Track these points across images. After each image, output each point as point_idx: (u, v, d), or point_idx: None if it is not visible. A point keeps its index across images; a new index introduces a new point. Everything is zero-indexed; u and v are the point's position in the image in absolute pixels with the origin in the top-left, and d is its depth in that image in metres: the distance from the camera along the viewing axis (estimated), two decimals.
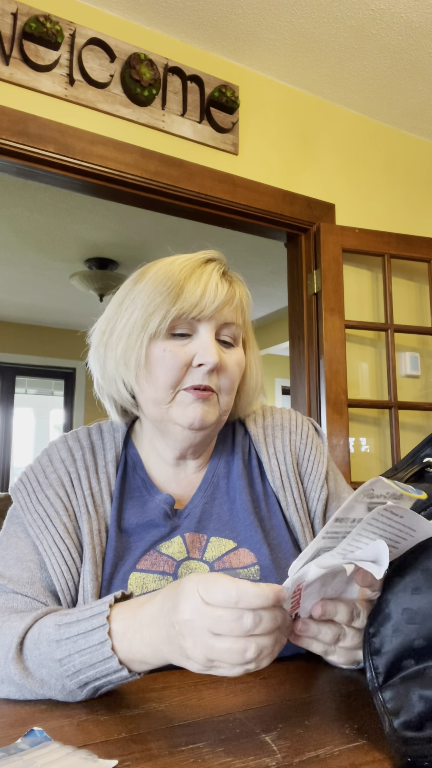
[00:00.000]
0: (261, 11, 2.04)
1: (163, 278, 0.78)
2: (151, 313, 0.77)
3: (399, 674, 0.54)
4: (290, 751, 0.51)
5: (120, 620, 0.60)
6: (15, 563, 0.77)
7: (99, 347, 0.84)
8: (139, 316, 0.78)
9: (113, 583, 0.76)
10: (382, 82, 2.39)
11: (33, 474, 0.83)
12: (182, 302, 0.77)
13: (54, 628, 0.63)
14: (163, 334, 0.78)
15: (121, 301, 0.83)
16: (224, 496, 0.86)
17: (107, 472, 0.84)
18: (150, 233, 3.74)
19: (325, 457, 0.91)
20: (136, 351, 0.78)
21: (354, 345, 2.41)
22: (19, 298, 5.16)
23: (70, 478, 0.82)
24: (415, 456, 0.73)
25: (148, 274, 0.82)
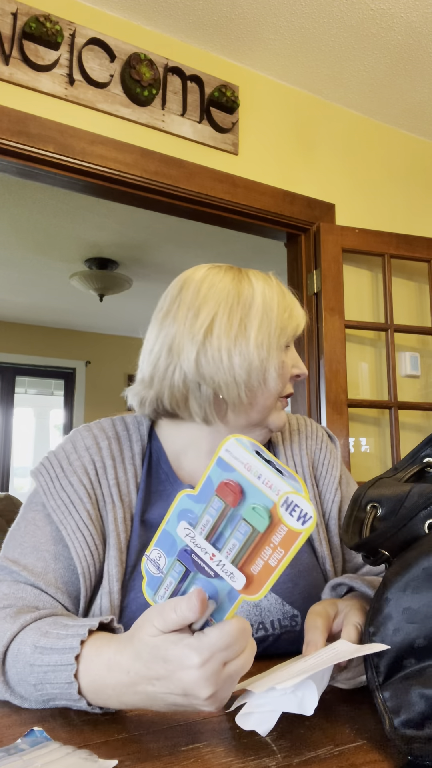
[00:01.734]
0: (261, 11, 2.04)
1: (278, 292, 0.86)
2: (283, 327, 0.84)
3: (399, 673, 0.54)
4: (290, 751, 0.51)
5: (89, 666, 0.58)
6: (31, 552, 0.77)
7: (218, 351, 0.80)
8: (273, 329, 0.83)
9: (137, 570, 0.78)
10: (382, 82, 2.39)
11: (56, 460, 0.83)
12: (297, 320, 0.86)
13: (31, 649, 0.62)
14: (283, 346, 0.85)
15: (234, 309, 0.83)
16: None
17: (134, 464, 0.85)
18: (150, 233, 3.74)
19: (339, 461, 0.96)
20: (275, 358, 0.83)
21: (354, 345, 2.41)
22: (19, 298, 5.15)
23: (95, 467, 0.82)
24: (415, 456, 0.73)
25: (249, 278, 0.86)
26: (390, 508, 0.65)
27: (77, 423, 6.11)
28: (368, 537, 0.63)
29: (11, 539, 0.80)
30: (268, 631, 0.77)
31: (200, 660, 0.50)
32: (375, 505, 0.67)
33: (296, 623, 0.79)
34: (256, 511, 0.50)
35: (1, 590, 0.74)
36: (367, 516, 0.66)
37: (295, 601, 0.79)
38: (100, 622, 0.62)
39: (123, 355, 6.32)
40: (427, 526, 0.59)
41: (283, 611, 0.79)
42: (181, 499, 0.54)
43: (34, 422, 6.32)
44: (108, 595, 0.75)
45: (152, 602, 0.56)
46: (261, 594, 0.50)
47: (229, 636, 0.50)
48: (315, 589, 0.82)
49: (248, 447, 0.52)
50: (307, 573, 0.83)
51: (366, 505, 0.68)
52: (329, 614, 0.67)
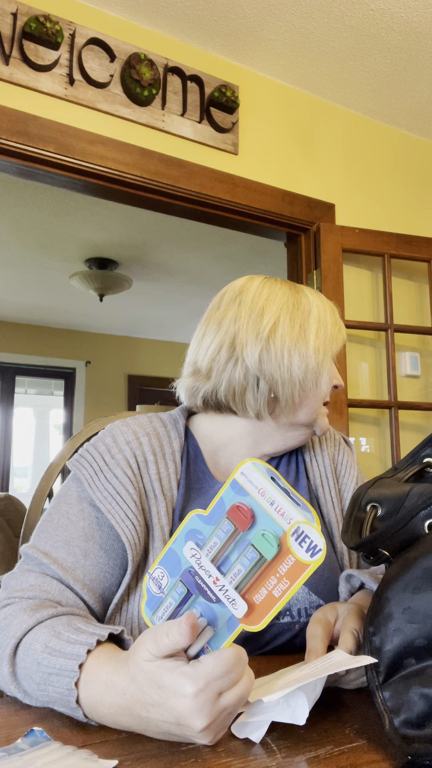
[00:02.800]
0: (261, 11, 2.04)
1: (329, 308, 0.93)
2: (334, 338, 0.90)
3: (399, 673, 0.54)
4: (290, 751, 0.51)
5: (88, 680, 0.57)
6: (62, 546, 0.78)
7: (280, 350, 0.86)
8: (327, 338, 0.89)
9: None
10: (382, 82, 2.39)
11: (98, 453, 0.84)
12: (343, 335, 0.93)
13: (41, 647, 0.62)
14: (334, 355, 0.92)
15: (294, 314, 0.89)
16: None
17: (175, 460, 0.87)
18: (150, 233, 3.74)
19: (356, 463, 1.03)
20: (328, 364, 0.89)
21: (354, 345, 2.41)
22: (19, 298, 5.15)
23: (136, 461, 0.84)
24: (415, 456, 0.73)
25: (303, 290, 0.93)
26: (390, 508, 0.65)
27: (77, 423, 6.11)
28: (368, 537, 0.63)
29: (43, 530, 0.80)
30: (294, 618, 0.80)
31: (195, 689, 0.48)
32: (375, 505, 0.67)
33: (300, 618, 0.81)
34: (265, 538, 0.49)
35: (28, 581, 0.75)
36: (367, 516, 0.66)
37: (321, 590, 0.82)
38: (110, 633, 0.62)
39: (123, 355, 6.32)
40: (427, 526, 0.59)
41: (310, 600, 0.82)
42: (191, 518, 0.54)
43: (34, 422, 6.32)
44: None
45: (149, 623, 0.55)
46: (261, 625, 0.49)
47: (225, 664, 0.49)
48: (336, 579, 0.85)
49: (264, 472, 0.51)
50: (331, 565, 0.87)
51: (366, 505, 0.68)
52: (329, 621, 0.68)
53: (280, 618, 0.80)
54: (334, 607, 0.70)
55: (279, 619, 0.80)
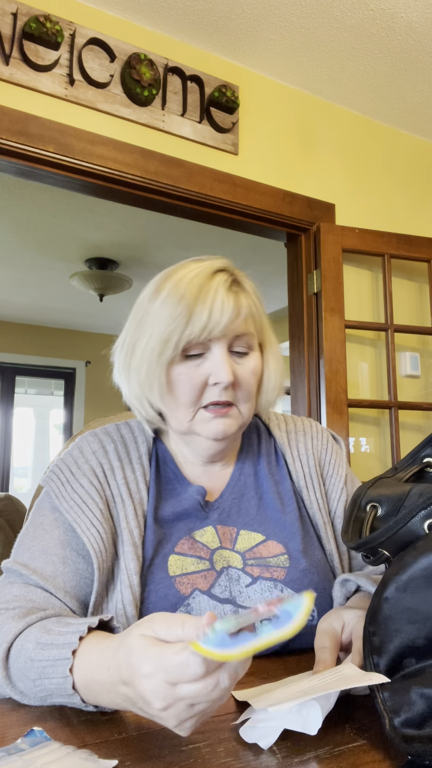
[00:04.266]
0: (261, 11, 2.04)
1: (174, 302, 0.80)
2: (166, 340, 0.80)
3: (399, 673, 0.54)
4: (290, 751, 0.51)
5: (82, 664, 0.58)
6: (40, 555, 0.79)
7: (123, 368, 0.87)
8: (156, 343, 0.81)
9: (155, 563, 0.80)
10: (382, 82, 2.39)
11: (65, 465, 0.86)
12: (191, 327, 0.79)
13: (33, 645, 0.64)
14: (178, 357, 0.82)
15: (139, 322, 0.86)
16: (252, 492, 0.91)
17: (142, 464, 0.88)
18: (150, 233, 3.74)
19: (344, 461, 0.98)
20: (157, 376, 0.82)
21: (354, 345, 2.41)
22: (19, 298, 5.15)
23: (102, 469, 0.85)
24: (415, 456, 0.73)
25: (161, 292, 0.83)
26: (390, 508, 0.65)
27: (77, 423, 6.11)
28: (368, 537, 0.63)
29: (21, 543, 0.82)
30: None
31: (148, 670, 0.49)
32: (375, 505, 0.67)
33: (313, 618, 0.80)
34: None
35: (11, 592, 0.76)
36: (367, 516, 0.66)
37: None
38: (100, 620, 0.63)
39: None
40: (427, 526, 0.59)
41: None
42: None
43: (34, 422, 6.32)
44: (129, 588, 0.77)
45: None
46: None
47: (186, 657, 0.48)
48: (327, 584, 0.84)
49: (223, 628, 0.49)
50: (319, 568, 0.85)
51: (366, 505, 0.68)
52: (336, 630, 0.68)
53: None
54: (340, 615, 0.70)
55: None
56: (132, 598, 0.76)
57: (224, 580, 0.81)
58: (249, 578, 0.81)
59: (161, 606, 0.77)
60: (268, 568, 0.82)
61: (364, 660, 0.58)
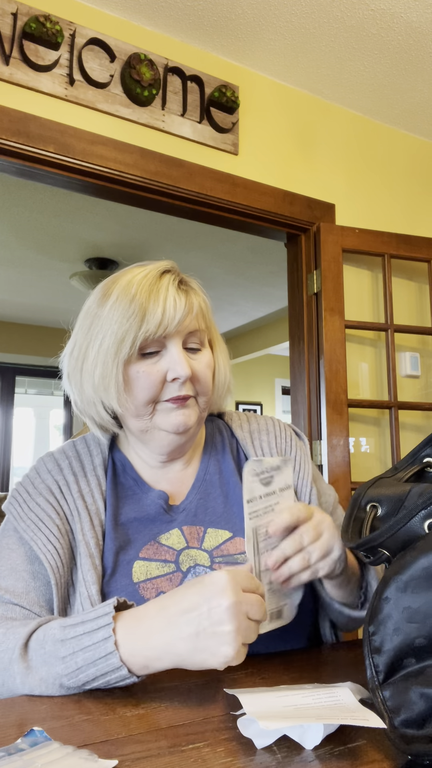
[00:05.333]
0: (261, 11, 2.04)
1: (125, 303, 0.82)
2: (121, 339, 0.81)
3: (399, 673, 0.54)
4: (290, 751, 0.51)
5: (124, 622, 0.64)
6: (9, 574, 0.80)
7: (74, 373, 0.88)
8: (111, 343, 0.82)
9: (117, 571, 0.80)
10: (382, 82, 2.39)
11: (23, 487, 0.88)
12: (147, 325, 0.81)
13: (59, 630, 0.66)
14: (135, 356, 0.83)
15: (89, 327, 0.86)
16: (218, 491, 0.91)
17: (96, 474, 0.89)
18: (150, 233, 3.74)
19: (308, 457, 0.98)
20: (114, 376, 0.82)
21: (354, 345, 2.41)
22: (19, 298, 5.16)
23: (58, 486, 0.86)
24: (415, 456, 0.73)
25: (110, 296, 0.84)
26: (390, 507, 0.65)
27: (77, 423, 6.11)
28: (368, 537, 0.63)
29: None
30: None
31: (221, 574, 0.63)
32: (375, 505, 0.67)
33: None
34: None
35: None
36: (367, 516, 0.67)
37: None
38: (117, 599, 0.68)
39: None
40: (427, 526, 0.59)
41: None
42: None
43: (34, 422, 6.33)
44: (88, 599, 0.77)
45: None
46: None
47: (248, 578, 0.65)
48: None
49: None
50: None
51: (366, 505, 0.68)
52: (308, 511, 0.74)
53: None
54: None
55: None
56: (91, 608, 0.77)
57: (191, 579, 0.80)
58: None
59: None
60: (235, 564, 0.82)
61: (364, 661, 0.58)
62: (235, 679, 0.70)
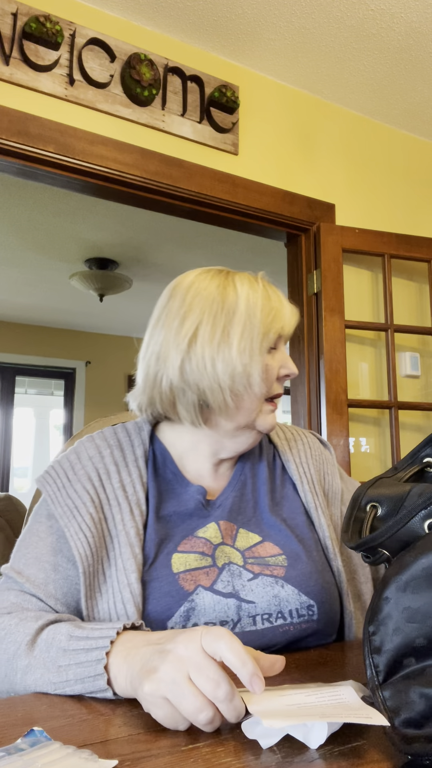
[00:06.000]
0: (261, 11, 2.04)
1: (261, 296, 0.87)
2: (266, 331, 0.86)
3: (399, 673, 0.54)
4: (290, 751, 0.51)
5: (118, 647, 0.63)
6: (33, 563, 0.82)
7: (202, 360, 0.84)
8: (256, 334, 0.85)
9: (157, 560, 0.82)
10: (382, 82, 2.39)
11: (62, 470, 0.88)
12: (282, 321, 0.88)
13: (66, 639, 0.67)
14: (267, 350, 0.87)
15: (216, 315, 0.85)
16: (249, 494, 0.93)
17: (138, 466, 0.89)
18: (150, 233, 3.74)
19: (336, 467, 1.02)
20: (259, 363, 0.85)
21: (354, 345, 2.41)
22: (19, 298, 5.15)
23: (98, 474, 0.87)
24: (415, 456, 0.73)
25: (235, 289, 0.87)
26: (390, 507, 0.65)
27: (77, 423, 6.10)
28: (368, 537, 0.63)
29: (18, 550, 0.85)
30: (287, 620, 0.81)
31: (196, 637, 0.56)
32: (375, 505, 0.67)
33: (313, 612, 0.82)
34: None
35: (9, 599, 0.79)
36: (367, 516, 0.66)
37: (311, 591, 0.83)
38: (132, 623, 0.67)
39: (123, 355, 6.32)
40: (427, 526, 0.59)
41: (300, 601, 0.82)
42: None
43: (34, 422, 6.32)
44: (128, 587, 0.78)
45: None
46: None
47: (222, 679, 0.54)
48: (327, 583, 0.86)
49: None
50: (322, 568, 0.87)
51: (366, 505, 0.68)
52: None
53: (275, 620, 0.80)
54: None
55: (274, 621, 0.80)
56: (131, 597, 0.77)
57: (226, 575, 0.82)
58: (250, 574, 0.83)
59: (165, 603, 0.78)
60: (267, 567, 0.83)
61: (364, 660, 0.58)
62: (235, 678, 0.69)
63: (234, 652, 0.54)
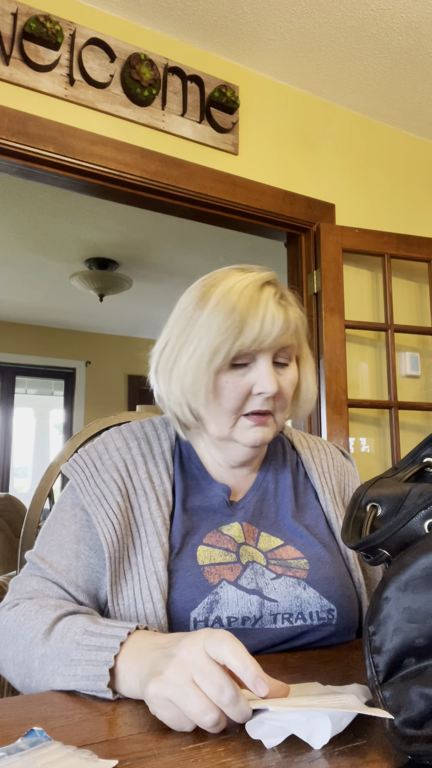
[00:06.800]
0: (261, 11, 2.04)
1: (224, 312, 0.82)
2: (216, 350, 0.82)
3: (399, 673, 0.54)
4: (290, 751, 0.51)
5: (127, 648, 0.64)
6: (56, 550, 0.83)
7: (164, 372, 0.88)
8: (205, 352, 0.82)
9: (183, 551, 0.83)
10: (382, 82, 2.39)
11: (90, 459, 0.89)
12: (243, 338, 0.81)
13: (81, 630, 0.68)
14: (226, 366, 0.83)
15: (184, 328, 0.87)
16: (272, 500, 0.94)
17: (165, 459, 0.91)
18: (150, 233, 3.74)
19: (357, 479, 1.03)
20: (204, 384, 0.83)
21: (354, 345, 2.41)
22: (19, 298, 5.15)
23: (125, 464, 0.88)
24: (415, 456, 0.73)
25: (209, 301, 0.85)
26: (390, 507, 0.65)
27: (77, 423, 6.10)
28: (368, 537, 0.63)
29: (42, 536, 0.87)
30: (307, 621, 0.82)
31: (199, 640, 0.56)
32: (375, 505, 0.67)
33: (332, 617, 0.83)
34: None
35: (31, 584, 0.81)
36: (367, 516, 0.66)
37: (332, 596, 0.84)
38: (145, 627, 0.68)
39: (123, 355, 6.32)
40: (427, 526, 0.59)
41: (321, 604, 0.83)
42: None
43: (34, 422, 6.32)
44: (154, 575, 0.79)
45: None
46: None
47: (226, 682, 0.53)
48: (348, 590, 0.87)
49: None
50: (342, 575, 0.88)
51: (366, 505, 0.68)
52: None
53: (295, 621, 0.81)
54: None
55: (294, 622, 0.81)
56: (158, 584, 0.79)
57: (250, 573, 0.83)
58: (273, 574, 0.84)
59: (189, 593, 0.79)
60: (290, 569, 0.84)
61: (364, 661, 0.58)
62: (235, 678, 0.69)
63: (236, 655, 0.54)
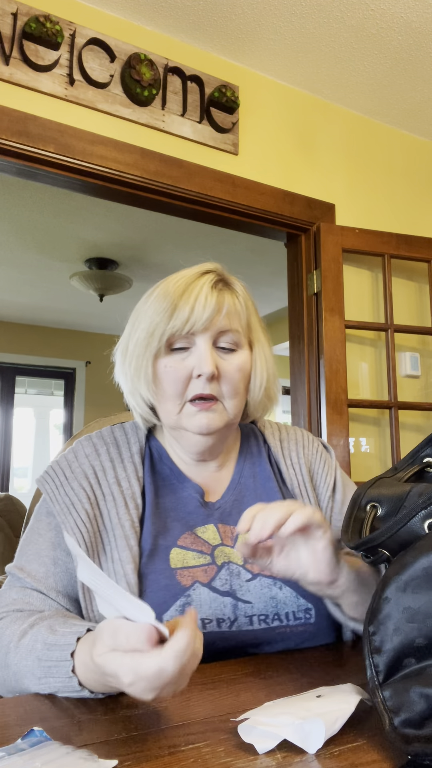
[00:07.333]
0: (261, 11, 2.04)
1: (161, 298, 0.86)
2: (151, 333, 0.85)
3: (399, 673, 0.54)
4: (290, 751, 0.51)
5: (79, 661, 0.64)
6: (34, 558, 0.84)
7: (123, 365, 0.91)
8: (142, 337, 0.86)
9: (156, 554, 0.82)
10: (382, 82, 2.39)
11: (60, 468, 0.89)
12: (174, 321, 0.84)
13: (42, 645, 0.68)
14: (164, 351, 0.86)
15: (133, 322, 0.90)
16: (252, 494, 0.93)
17: (133, 462, 0.91)
18: (150, 233, 3.74)
19: (333, 469, 1.00)
20: (144, 369, 0.87)
21: (354, 345, 2.41)
22: (19, 298, 5.15)
23: (94, 471, 0.88)
24: (415, 456, 0.73)
25: (153, 293, 0.89)
26: (390, 507, 0.65)
27: (77, 423, 6.10)
28: (368, 537, 0.63)
29: (20, 549, 0.87)
30: (283, 622, 0.81)
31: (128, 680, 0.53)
32: (375, 505, 0.67)
33: (310, 616, 0.82)
34: None
35: (11, 596, 0.81)
36: (367, 516, 0.67)
37: (309, 595, 0.83)
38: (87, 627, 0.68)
39: None
40: (427, 526, 0.59)
41: (298, 604, 0.82)
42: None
43: (34, 422, 6.32)
44: (124, 579, 0.79)
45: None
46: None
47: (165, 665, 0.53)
48: None
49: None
50: None
51: (366, 505, 0.68)
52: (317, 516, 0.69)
53: (272, 622, 0.80)
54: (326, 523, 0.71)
55: (271, 623, 0.80)
56: (126, 587, 0.78)
57: (225, 574, 0.82)
58: (249, 574, 0.83)
59: (161, 596, 0.78)
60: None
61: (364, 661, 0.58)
62: (235, 678, 0.70)
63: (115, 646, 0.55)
